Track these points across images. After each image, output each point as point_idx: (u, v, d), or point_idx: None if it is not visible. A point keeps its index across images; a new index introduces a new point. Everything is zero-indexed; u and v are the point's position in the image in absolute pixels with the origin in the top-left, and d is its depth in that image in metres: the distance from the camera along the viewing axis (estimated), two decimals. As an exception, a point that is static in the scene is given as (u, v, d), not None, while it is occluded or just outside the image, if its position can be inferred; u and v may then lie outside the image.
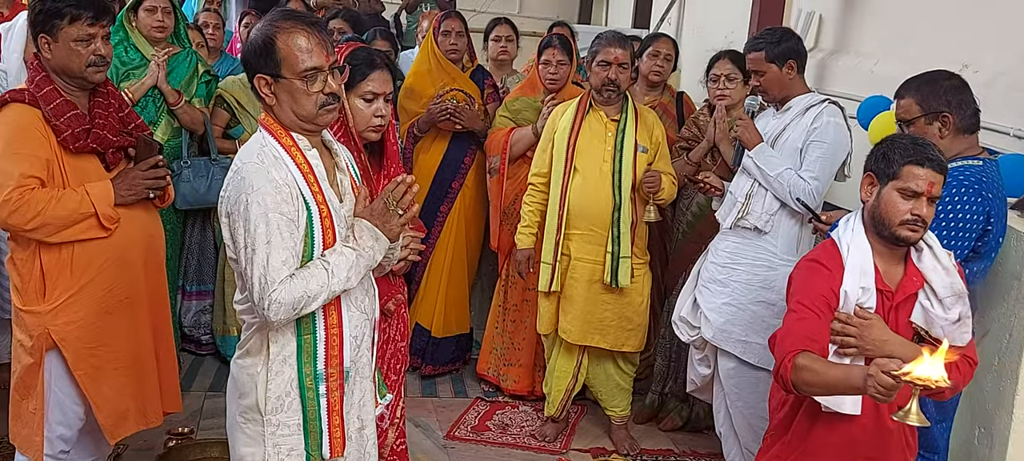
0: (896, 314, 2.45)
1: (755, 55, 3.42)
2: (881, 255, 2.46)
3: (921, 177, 2.36)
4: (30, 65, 2.86)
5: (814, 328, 2.38)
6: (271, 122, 2.18)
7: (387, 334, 2.85)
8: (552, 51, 4.26)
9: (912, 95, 2.83)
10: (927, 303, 2.44)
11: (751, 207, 3.41)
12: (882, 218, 2.42)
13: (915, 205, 2.37)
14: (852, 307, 2.42)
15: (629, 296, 3.84)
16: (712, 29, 6.67)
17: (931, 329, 2.44)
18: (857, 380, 2.15)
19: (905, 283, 2.45)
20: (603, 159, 3.78)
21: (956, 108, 2.78)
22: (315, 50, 2.13)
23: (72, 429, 2.90)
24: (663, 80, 4.48)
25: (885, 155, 2.43)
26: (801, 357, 2.31)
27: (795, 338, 2.37)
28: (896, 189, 2.38)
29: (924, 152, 2.38)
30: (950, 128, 2.78)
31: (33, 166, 2.70)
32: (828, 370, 2.28)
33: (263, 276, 2.05)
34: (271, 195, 2.06)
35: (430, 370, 4.64)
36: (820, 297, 2.41)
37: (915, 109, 2.82)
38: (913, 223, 2.38)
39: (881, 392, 2.03)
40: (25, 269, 2.80)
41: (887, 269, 2.47)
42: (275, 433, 2.18)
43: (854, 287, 2.41)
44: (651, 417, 4.34)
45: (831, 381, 2.26)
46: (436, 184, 4.50)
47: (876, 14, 4.83)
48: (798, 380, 2.31)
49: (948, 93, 2.79)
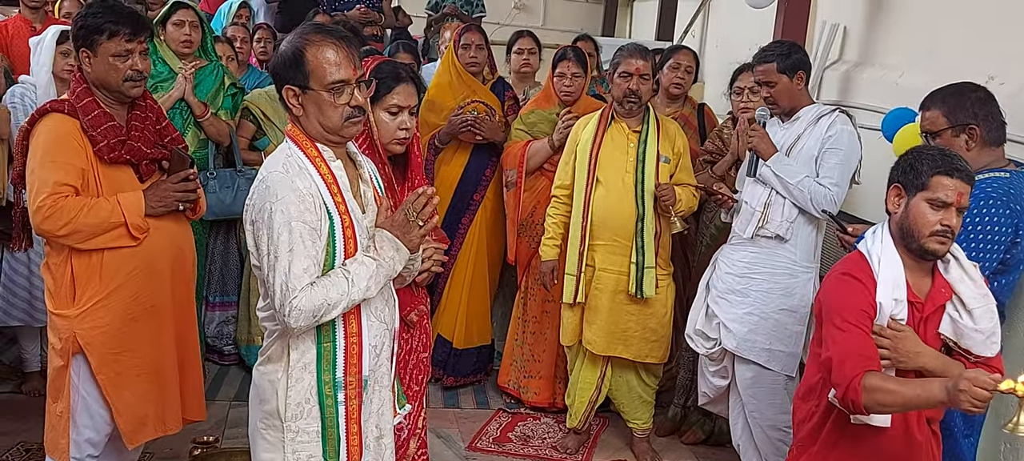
0: (925, 326, 2.44)
1: (766, 67, 3.45)
2: (909, 267, 2.45)
3: (950, 187, 2.35)
4: (73, 77, 2.94)
5: (866, 345, 2.36)
6: (297, 133, 2.21)
7: (409, 345, 2.86)
8: (567, 64, 4.27)
9: (938, 107, 2.82)
10: (956, 315, 2.42)
11: (770, 216, 3.42)
12: (911, 229, 2.40)
13: (944, 216, 2.36)
14: (886, 319, 2.41)
15: (653, 307, 3.85)
16: (736, 41, 6.65)
17: (960, 341, 2.42)
18: (938, 394, 2.16)
19: (934, 294, 2.44)
20: (626, 170, 3.79)
21: (983, 120, 2.77)
22: (343, 63, 2.17)
23: (100, 433, 2.95)
24: (684, 92, 4.48)
25: (913, 166, 2.42)
26: (869, 378, 2.29)
27: (854, 358, 2.34)
28: (925, 200, 2.37)
29: (952, 163, 2.37)
30: (977, 140, 2.77)
31: (68, 174, 2.78)
32: (903, 388, 2.26)
33: (285, 283, 2.08)
34: (295, 204, 2.10)
35: (452, 381, 4.65)
36: (862, 312, 2.40)
37: (942, 121, 2.80)
38: (942, 234, 2.36)
39: (977, 405, 2.06)
40: (58, 273, 2.88)
41: (916, 281, 2.46)
42: (294, 439, 2.20)
43: (888, 299, 2.40)
44: (673, 430, 4.33)
45: (909, 399, 2.26)
46: (457, 196, 4.52)
47: (901, 26, 4.80)
48: (871, 402, 2.29)
49: (975, 105, 2.78)
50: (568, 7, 10.13)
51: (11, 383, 4.27)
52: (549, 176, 4.16)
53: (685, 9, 7.87)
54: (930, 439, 2.49)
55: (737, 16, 6.55)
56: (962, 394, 2.06)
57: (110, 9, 2.86)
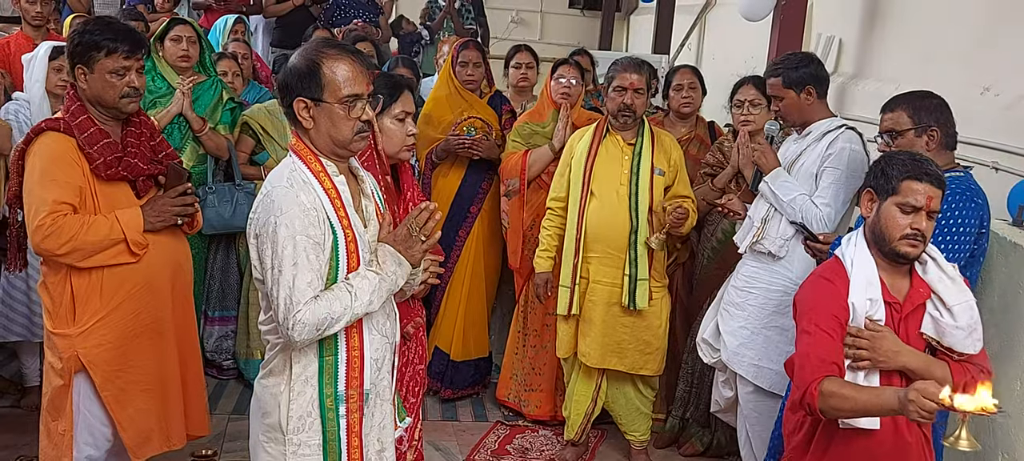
0: (905, 325, 2.47)
1: (773, 81, 3.45)
2: (885, 269, 2.48)
3: (920, 192, 2.39)
4: (67, 94, 2.95)
5: (830, 349, 2.39)
6: (302, 147, 2.23)
7: (405, 357, 2.87)
8: (565, 68, 4.38)
9: (903, 108, 2.94)
10: (936, 313, 2.45)
11: (767, 231, 3.41)
12: (882, 233, 2.44)
13: (914, 219, 2.40)
14: (861, 320, 2.43)
15: (647, 319, 3.85)
16: (732, 54, 6.69)
17: (943, 339, 2.45)
18: (890, 402, 2.18)
19: (912, 294, 2.47)
20: (620, 183, 3.81)
21: (942, 124, 2.91)
22: (357, 78, 2.21)
23: (100, 450, 2.96)
24: (694, 110, 4.44)
25: (884, 171, 2.47)
26: (826, 383, 2.32)
27: (814, 363, 2.37)
28: (895, 204, 2.42)
29: (922, 167, 2.42)
30: (936, 142, 2.89)
31: (66, 193, 2.79)
32: (858, 394, 2.29)
33: (288, 297, 2.09)
34: (299, 218, 2.11)
35: (450, 394, 4.65)
36: (831, 316, 2.43)
37: (906, 121, 2.92)
38: (913, 238, 2.40)
39: (924, 417, 2.07)
40: (57, 293, 2.87)
41: (893, 282, 2.49)
42: (296, 452, 2.21)
43: (861, 299, 2.43)
44: (672, 442, 4.32)
45: (862, 405, 2.28)
46: (455, 208, 4.54)
47: (897, 39, 4.83)
48: (826, 406, 2.32)
49: (935, 110, 2.92)
50: (565, 21, 10.18)
51: (10, 397, 4.27)
52: (546, 188, 4.18)
53: (681, 22, 7.91)
54: (921, 440, 2.50)
55: (733, 29, 6.59)
56: (911, 404, 2.09)
57: (107, 26, 2.89)
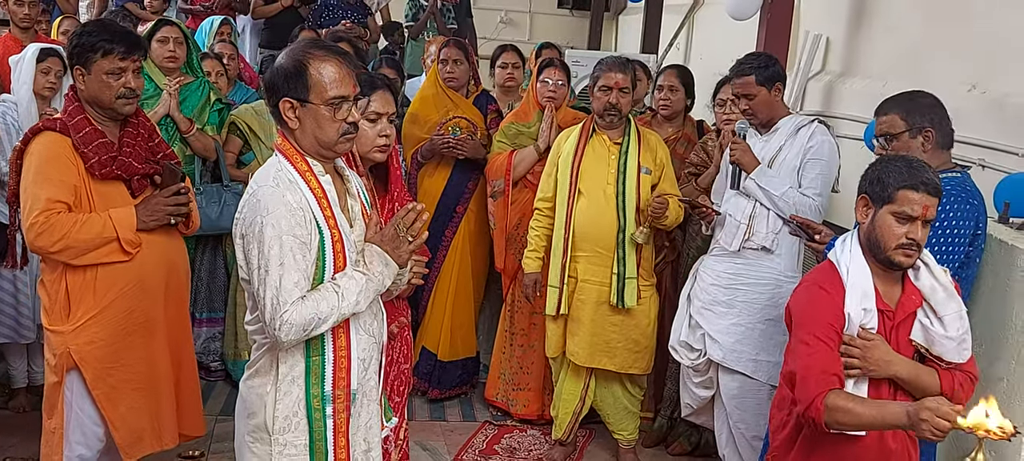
0: (897, 333, 2.46)
1: (745, 79, 3.48)
2: (878, 275, 2.47)
3: (916, 201, 2.35)
4: (66, 95, 2.99)
5: (830, 360, 2.38)
6: (288, 147, 2.22)
7: (390, 356, 2.87)
8: (552, 70, 4.36)
9: (896, 110, 2.89)
10: (926, 321, 2.44)
11: (755, 228, 3.45)
12: (877, 241, 2.42)
13: (910, 229, 2.37)
14: (855, 328, 2.42)
15: (636, 318, 3.86)
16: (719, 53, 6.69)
17: (932, 347, 2.44)
18: (898, 418, 2.18)
19: (904, 302, 2.46)
20: (607, 182, 3.82)
21: (937, 124, 2.85)
22: (344, 80, 2.20)
23: (92, 450, 2.97)
24: (673, 111, 4.43)
25: (879, 179, 2.42)
26: (832, 397, 2.32)
27: (817, 376, 2.35)
28: (891, 213, 2.38)
29: (918, 176, 2.37)
30: (932, 142, 2.85)
31: (60, 191, 2.82)
32: (864, 409, 2.29)
33: (275, 297, 2.09)
34: (285, 218, 2.11)
35: (437, 394, 4.64)
36: (828, 325, 2.41)
37: (900, 124, 2.86)
38: (908, 247, 2.38)
39: (936, 436, 2.07)
40: (53, 290, 2.91)
41: (885, 289, 2.47)
42: (282, 452, 2.21)
43: (856, 308, 2.42)
44: (660, 441, 4.33)
45: (868, 420, 2.28)
46: (441, 208, 4.53)
47: (884, 36, 4.85)
48: (832, 420, 2.32)
49: (929, 110, 2.87)
50: (554, 21, 10.18)
51: (-2, 399, 4.25)
52: (533, 188, 4.18)
53: (669, 22, 7.93)
54: (908, 444, 2.50)
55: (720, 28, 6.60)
56: (924, 423, 2.08)
57: (104, 28, 2.93)
